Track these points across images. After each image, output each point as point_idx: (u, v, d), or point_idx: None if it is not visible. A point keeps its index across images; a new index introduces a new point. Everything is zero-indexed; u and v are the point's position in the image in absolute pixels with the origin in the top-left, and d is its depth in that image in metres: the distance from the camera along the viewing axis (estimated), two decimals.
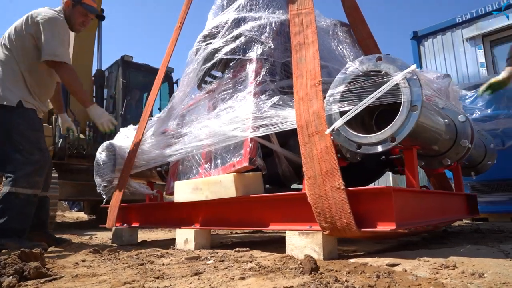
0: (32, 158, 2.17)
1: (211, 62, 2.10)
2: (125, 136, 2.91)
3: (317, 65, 1.64)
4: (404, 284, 0.95)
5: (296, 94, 1.67)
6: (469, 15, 5.05)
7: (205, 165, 2.03)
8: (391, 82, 1.32)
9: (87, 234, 4.14)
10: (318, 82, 1.60)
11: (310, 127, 1.55)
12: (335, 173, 1.41)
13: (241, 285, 1.02)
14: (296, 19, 1.85)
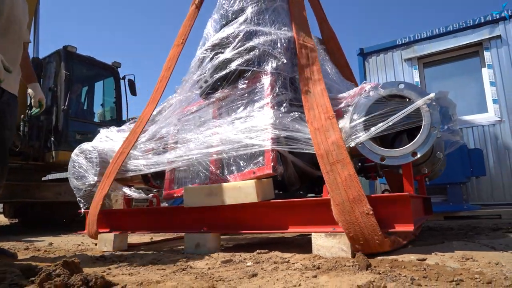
0: None
1: (223, 71, 2.16)
2: (108, 138, 2.78)
3: (327, 101, 1.80)
4: (449, 274, 1.18)
5: (310, 125, 1.80)
6: (408, 39, 5.78)
7: (217, 171, 2.09)
8: (414, 105, 1.57)
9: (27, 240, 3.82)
10: (332, 115, 1.76)
11: (330, 156, 1.67)
12: (362, 200, 1.55)
13: (320, 282, 1.15)
14: (303, 51, 2.02)
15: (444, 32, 5.48)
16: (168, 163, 2.31)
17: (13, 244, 3.54)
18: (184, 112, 2.44)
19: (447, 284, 1.10)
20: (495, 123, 4.93)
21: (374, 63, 6.09)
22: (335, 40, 2.85)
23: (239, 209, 1.97)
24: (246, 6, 2.35)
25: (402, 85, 1.65)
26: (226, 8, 2.41)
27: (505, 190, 4.81)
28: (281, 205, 1.89)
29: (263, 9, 2.34)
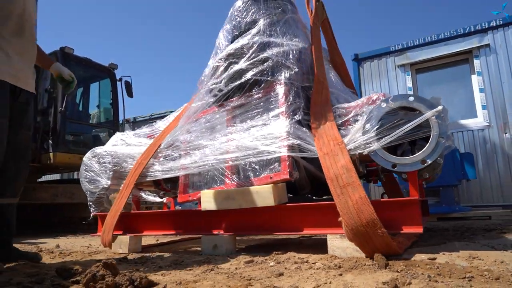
0: None
1: (238, 80, 2.27)
2: (123, 142, 2.85)
3: (335, 132, 1.90)
4: (460, 272, 1.32)
5: (319, 150, 1.87)
6: (401, 46, 5.98)
7: (233, 176, 2.19)
8: (424, 117, 1.71)
9: (36, 243, 3.84)
10: (341, 142, 1.85)
11: (340, 179, 1.72)
12: (375, 223, 1.59)
13: (347, 280, 1.27)
14: (318, 87, 2.14)
15: (436, 40, 5.70)
16: (183, 168, 2.40)
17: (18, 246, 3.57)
18: (198, 118, 2.53)
19: (460, 280, 1.22)
20: (484, 128, 5.16)
21: (369, 68, 6.28)
22: (344, 67, 3.03)
23: (255, 212, 2.08)
24: (258, 18, 2.46)
25: (411, 98, 1.78)
26: (239, 20, 2.52)
27: (493, 192, 5.04)
28: (296, 208, 2.00)
29: (274, 21, 2.45)
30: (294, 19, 2.54)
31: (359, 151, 1.83)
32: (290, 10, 2.54)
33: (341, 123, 2.15)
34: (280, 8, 2.50)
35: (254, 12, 2.48)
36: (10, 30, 1.95)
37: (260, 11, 2.47)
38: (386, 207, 1.79)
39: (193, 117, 2.52)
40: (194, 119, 2.53)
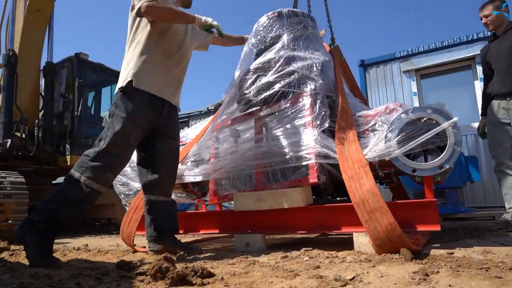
0: (113, 151, 2.03)
1: (267, 92, 2.47)
2: None
3: (360, 154, 1.99)
4: (478, 264, 1.51)
5: (344, 173, 1.95)
6: (406, 52, 6.20)
7: (262, 179, 2.39)
8: (441, 127, 1.91)
9: (59, 242, 4.03)
10: (365, 164, 1.93)
11: (367, 204, 1.79)
12: (408, 247, 1.70)
13: (381, 270, 1.46)
14: (343, 114, 2.29)
15: (440, 47, 5.92)
16: (213, 173, 2.60)
17: None
18: (227, 126, 2.73)
19: (478, 270, 1.42)
20: None
21: (374, 74, 6.49)
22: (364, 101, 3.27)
23: (285, 212, 2.28)
24: (282, 33, 2.66)
25: (430, 110, 1.98)
26: (264, 34, 2.72)
27: (496, 194, 5.25)
28: (323, 209, 2.20)
29: (297, 36, 2.65)
30: (314, 34, 2.74)
31: (382, 157, 2.03)
32: (311, 26, 2.74)
33: (361, 131, 2.35)
34: (302, 24, 2.70)
35: (278, 28, 2.68)
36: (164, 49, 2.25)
37: (283, 26, 2.67)
38: (407, 207, 1.99)
39: (222, 125, 2.72)
40: (224, 127, 2.72)
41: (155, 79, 2.22)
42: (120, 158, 2.10)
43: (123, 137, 2.08)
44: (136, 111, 2.13)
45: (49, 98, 6.37)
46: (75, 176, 1.96)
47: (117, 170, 2.17)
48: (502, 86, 3.02)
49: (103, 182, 2.02)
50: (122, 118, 2.08)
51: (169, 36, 2.27)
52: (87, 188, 1.95)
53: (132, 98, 2.13)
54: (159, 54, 2.23)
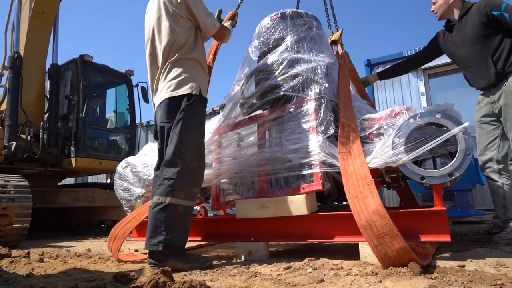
0: (192, 166, 2.08)
1: (270, 95, 2.40)
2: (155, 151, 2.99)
3: (366, 170, 1.88)
4: (491, 279, 1.43)
5: (348, 193, 1.84)
6: (413, 51, 6.07)
7: (265, 186, 2.33)
8: (451, 132, 1.83)
9: (63, 246, 4.00)
10: (370, 181, 1.81)
11: (374, 227, 1.67)
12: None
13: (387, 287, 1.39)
14: (346, 129, 2.15)
15: None
16: (214, 178, 2.54)
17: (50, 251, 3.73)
18: (226, 130, 2.67)
19: (492, 287, 1.34)
20: None
21: None
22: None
23: (288, 220, 2.21)
24: (285, 35, 2.59)
25: (439, 115, 1.90)
26: (267, 36, 2.65)
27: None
28: (327, 217, 2.13)
29: (301, 37, 2.58)
30: (319, 35, 2.67)
31: (389, 164, 1.95)
32: (315, 27, 2.67)
33: (366, 135, 2.28)
34: (306, 25, 2.63)
35: (281, 29, 2.61)
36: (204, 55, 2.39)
37: (287, 28, 2.61)
38: (414, 216, 1.91)
39: (225, 130, 2.66)
40: (226, 132, 2.67)
41: (207, 85, 2.34)
42: (199, 171, 2.16)
43: (197, 151, 2.14)
44: (203, 121, 2.24)
45: (54, 100, 6.38)
46: (166, 201, 2.00)
47: (200, 182, 2.20)
48: (480, 79, 2.63)
49: (193, 197, 2.12)
50: (192, 132, 2.12)
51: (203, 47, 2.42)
52: (182, 207, 2.04)
53: (198, 108, 2.16)
54: (204, 62, 2.36)
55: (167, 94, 2.16)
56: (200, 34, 2.33)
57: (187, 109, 2.10)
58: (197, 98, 2.14)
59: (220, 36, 2.44)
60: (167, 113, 2.15)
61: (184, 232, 2.08)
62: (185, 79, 2.16)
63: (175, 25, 2.21)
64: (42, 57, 6.30)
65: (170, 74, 2.19)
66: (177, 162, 2.05)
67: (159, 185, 2.06)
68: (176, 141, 2.06)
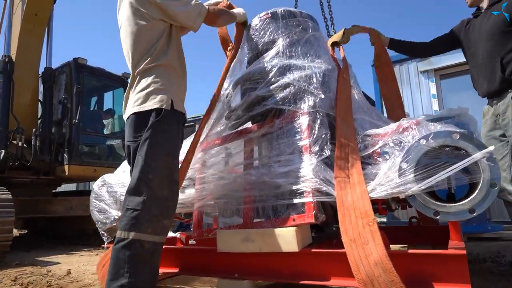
0: (161, 194, 1.75)
1: (257, 108, 2.08)
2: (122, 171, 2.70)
3: (367, 204, 1.57)
4: None
5: (345, 234, 1.55)
6: None
7: (250, 214, 2.01)
8: (472, 158, 1.48)
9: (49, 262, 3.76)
10: (372, 220, 1.51)
11: (377, 284, 1.38)
12: None
13: None
14: (343, 150, 1.83)
15: None
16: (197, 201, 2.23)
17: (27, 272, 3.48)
18: (210, 145, 2.36)
19: None
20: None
21: None
22: (390, 66, 2.84)
23: (277, 256, 1.89)
24: (277, 37, 2.27)
25: (456, 136, 1.56)
26: (256, 39, 2.33)
27: None
28: (323, 254, 1.80)
29: (294, 40, 2.25)
30: (316, 37, 2.33)
31: (395, 195, 1.62)
32: (311, 28, 2.34)
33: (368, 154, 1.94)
34: (301, 26, 2.30)
35: (272, 31, 2.29)
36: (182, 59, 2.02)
37: (279, 30, 2.28)
38: (426, 260, 1.57)
39: (209, 145, 2.34)
40: (210, 148, 2.35)
41: (183, 96, 1.98)
42: (171, 199, 1.81)
43: (168, 175, 1.79)
44: (176, 139, 1.86)
45: (48, 105, 6.15)
46: (130, 237, 1.67)
47: (173, 212, 1.84)
48: (483, 81, 2.31)
49: (163, 231, 1.77)
50: (161, 154, 1.78)
51: (181, 44, 2.05)
52: (149, 244, 1.69)
53: (169, 125, 1.82)
54: (182, 67, 2.00)
55: (134, 108, 1.85)
56: (176, 31, 2.00)
57: (155, 126, 1.78)
58: (167, 113, 1.81)
59: (213, 20, 2.04)
60: (133, 131, 1.85)
61: (152, 272, 1.75)
62: (154, 90, 1.84)
63: (144, 28, 1.89)
64: (35, 61, 6.07)
65: (139, 85, 1.88)
66: (143, 189, 1.72)
67: (122, 217, 1.75)
68: (142, 165, 1.75)
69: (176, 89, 1.90)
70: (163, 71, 1.89)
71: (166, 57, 1.90)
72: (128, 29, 1.92)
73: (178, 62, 1.97)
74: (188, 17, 1.94)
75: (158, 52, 1.89)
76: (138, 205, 1.71)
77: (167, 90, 1.85)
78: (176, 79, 1.92)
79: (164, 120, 1.80)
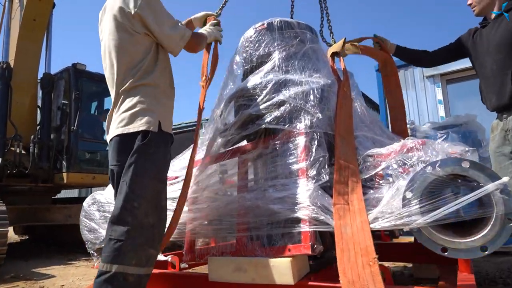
0: (147, 222, 1.64)
1: (250, 128, 1.95)
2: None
3: (368, 238, 1.43)
4: None
5: (342, 274, 1.42)
6: None
7: (244, 241, 1.88)
8: (484, 190, 1.34)
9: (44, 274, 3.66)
10: (373, 259, 1.38)
11: None
12: None
13: None
14: (343, 172, 1.69)
15: None
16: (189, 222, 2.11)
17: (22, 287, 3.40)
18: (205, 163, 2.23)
19: None
20: None
21: None
22: (396, 76, 2.74)
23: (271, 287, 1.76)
24: (273, 50, 2.14)
25: (466, 164, 1.41)
26: (250, 52, 2.20)
27: None
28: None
29: (291, 53, 2.12)
30: (314, 49, 2.20)
31: (398, 227, 1.48)
32: (309, 40, 2.20)
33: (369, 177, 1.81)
34: (298, 38, 2.17)
35: (267, 44, 2.16)
36: (171, 78, 1.93)
37: (274, 42, 2.15)
38: None
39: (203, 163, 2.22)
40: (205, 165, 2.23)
41: (171, 116, 1.87)
42: (158, 227, 1.70)
43: (155, 201, 1.68)
44: (163, 163, 1.75)
45: (47, 111, 6.08)
46: (112, 270, 1.55)
47: (159, 240, 1.73)
48: (492, 95, 2.17)
49: (149, 262, 1.64)
50: (147, 179, 1.66)
51: (168, 59, 1.95)
52: (133, 277, 1.57)
53: (157, 148, 1.70)
54: (170, 86, 1.90)
55: (118, 130, 1.73)
56: (163, 49, 1.90)
57: (141, 150, 1.66)
58: (154, 136, 1.69)
59: (192, 47, 1.96)
60: (117, 154, 1.73)
61: None
62: (140, 111, 1.72)
63: (129, 43, 1.77)
64: (34, 67, 6.00)
65: (124, 105, 1.76)
66: (127, 218, 1.60)
67: (104, 248, 1.63)
68: (126, 192, 1.62)
69: (163, 110, 1.78)
70: (150, 90, 1.77)
71: (153, 75, 1.78)
72: (111, 44, 1.80)
73: (166, 79, 1.86)
74: (171, 40, 1.83)
75: (144, 69, 1.77)
76: (121, 235, 1.60)
77: (154, 111, 1.73)
78: (163, 99, 1.80)
79: (151, 143, 1.68)
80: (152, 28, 1.76)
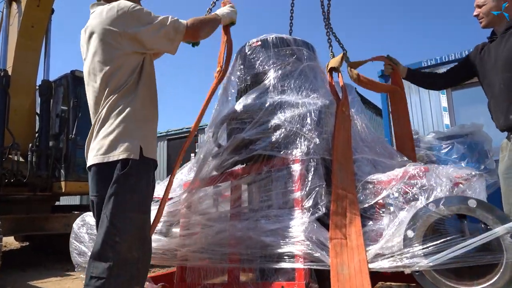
0: (131, 257, 1.54)
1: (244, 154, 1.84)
2: None
3: (366, 280, 1.35)
4: None
5: None
6: (434, 61, 5.38)
7: (235, 272, 1.79)
8: (493, 233, 1.23)
9: None
10: None
11: None
12: None
13: None
14: (341, 203, 1.61)
15: None
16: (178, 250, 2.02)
17: None
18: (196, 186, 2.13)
19: None
20: None
21: None
22: (405, 104, 2.67)
23: None
24: (268, 69, 2.03)
25: (473, 203, 1.30)
26: (245, 70, 2.10)
27: None
28: None
29: (287, 72, 2.02)
30: (311, 67, 2.09)
31: (399, 269, 1.38)
32: (306, 57, 2.09)
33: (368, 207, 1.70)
34: (295, 55, 2.06)
35: (262, 62, 2.05)
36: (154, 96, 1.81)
37: (270, 60, 2.04)
38: None
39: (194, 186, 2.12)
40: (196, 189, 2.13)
41: (154, 140, 1.75)
42: (142, 260, 1.59)
43: (139, 234, 1.58)
44: (146, 192, 1.63)
45: (45, 118, 6.00)
46: None
47: (145, 274, 1.63)
48: (500, 115, 2.03)
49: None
50: (130, 211, 1.56)
51: (153, 76, 1.82)
52: None
53: (139, 177, 1.59)
54: (152, 106, 1.77)
55: (96, 158, 1.61)
56: (149, 61, 1.78)
57: (121, 180, 1.55)
58: (135, 164, 1.57)
59: (194, 35, 1.81)
60: (96, 184, 1.62)
61: None
62: (119, 137, 1.59)
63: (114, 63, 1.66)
64: (32, 74, 5.92)
65: (102, 131, 1.63)
66: (108, 254, 1.50)
67: (85, 287, 1.53)
68: (107, 226, 1.51)
69: (145, 134, 1.66)
70: (130, 113, 1.64)
71: (134, 97, 1.66)
72: (96, 65, 1.70)
73: (148, 99, 1.73)
74: (163, 42, 1.71)
75: (126, 91, 1.65)
76: (103, 272, 1.49)
77: (134, 137, 1.61)
78: (145, 122, 1.68)
79: (132, 172, 1.57)
80: (144, 41, 1.66)
